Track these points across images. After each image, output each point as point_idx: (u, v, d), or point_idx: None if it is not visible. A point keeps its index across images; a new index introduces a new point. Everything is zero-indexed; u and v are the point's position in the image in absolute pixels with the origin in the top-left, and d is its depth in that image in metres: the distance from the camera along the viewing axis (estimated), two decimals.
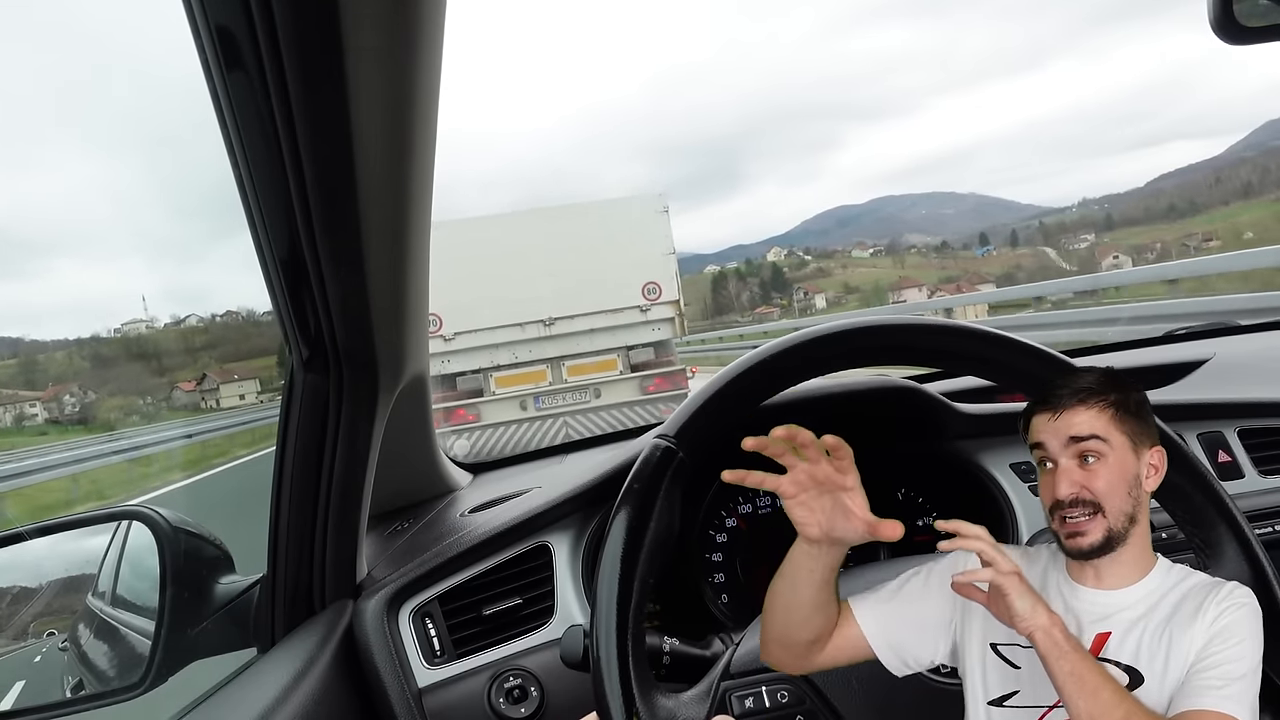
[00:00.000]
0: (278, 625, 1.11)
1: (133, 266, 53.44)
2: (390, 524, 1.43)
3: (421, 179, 0.83)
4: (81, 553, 1.20)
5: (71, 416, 26.91)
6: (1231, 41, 0.96)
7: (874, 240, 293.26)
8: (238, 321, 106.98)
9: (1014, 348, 1.00)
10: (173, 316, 35.68)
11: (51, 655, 1.12)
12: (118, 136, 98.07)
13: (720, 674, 0.97)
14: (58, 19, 48.07)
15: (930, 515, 1.48)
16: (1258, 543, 0.93)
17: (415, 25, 0.65)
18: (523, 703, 1.12)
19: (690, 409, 0.98)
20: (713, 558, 1.42)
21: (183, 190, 40.29)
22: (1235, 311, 6.10)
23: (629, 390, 7.56)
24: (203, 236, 39.59)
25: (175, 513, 1.13)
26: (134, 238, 50.07)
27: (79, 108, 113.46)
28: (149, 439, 17.31)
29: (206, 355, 24.32)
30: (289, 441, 1.05)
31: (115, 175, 72.70)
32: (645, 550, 0.90)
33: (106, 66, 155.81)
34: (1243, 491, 1.38)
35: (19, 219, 61.01)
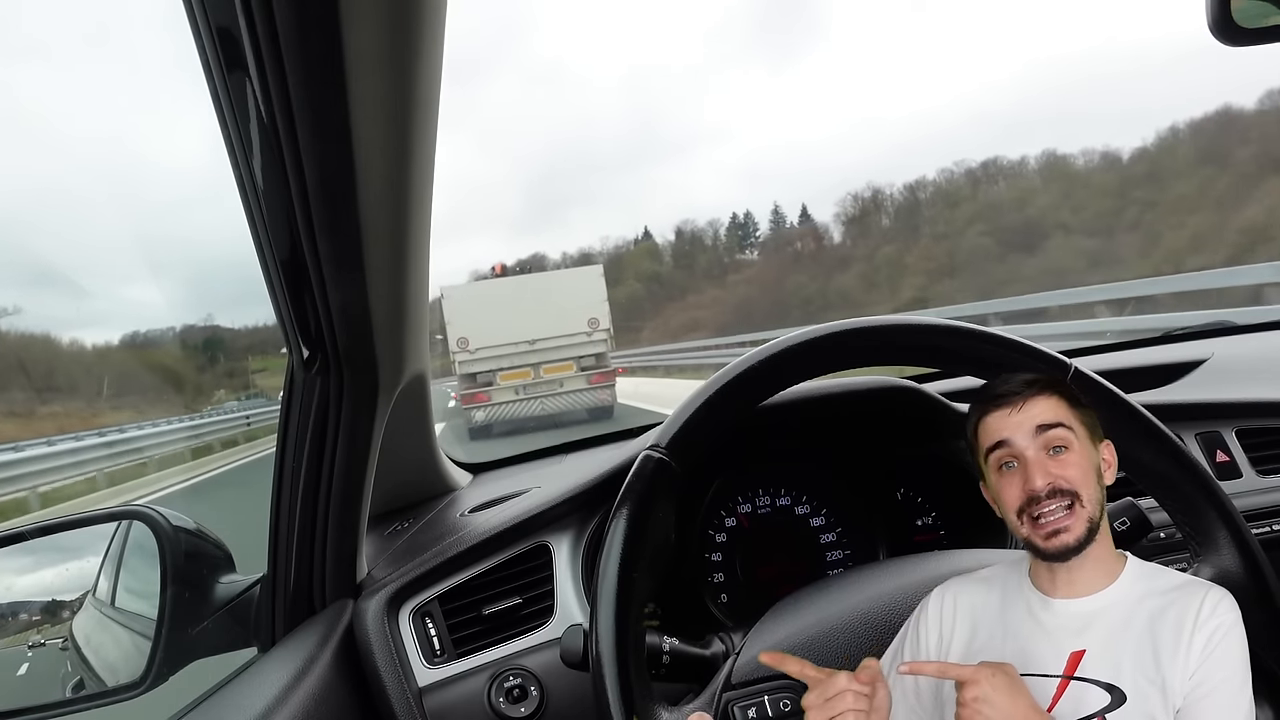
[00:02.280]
0: (278, 625, 1.11)
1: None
2: (390, 524, 1.43)
3: (422, 180, 0.83)
4: (81, 552, 1.20)
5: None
6: (1229, 43, 0.96)
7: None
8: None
9: (993, 341, 1.00)
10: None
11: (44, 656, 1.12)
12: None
13: (722, 685, 0.96)
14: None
15: (929, 515, 1.48)
16: (1248, 530, 0.92)
17: (416, 27, 0.65)
18: (522, 702, 1.12)
19: (680, 418, 0.98)
20: (712, 557, 1.42)
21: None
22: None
23: (580, 383, 12.82)
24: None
25: (175, 512, 1.13)
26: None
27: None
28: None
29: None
30: (289, 441, 1.06)
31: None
32: (641, 561, 0.90)
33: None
34: (1240, 491, 1.38)
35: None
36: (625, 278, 72.67)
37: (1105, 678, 0.81)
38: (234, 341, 32.85)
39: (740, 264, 69.13)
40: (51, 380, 21.63)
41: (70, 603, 1.18)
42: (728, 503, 1.45)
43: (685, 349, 23.69)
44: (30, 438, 13.52)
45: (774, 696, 0.95)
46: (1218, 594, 0.83)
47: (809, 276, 54.06)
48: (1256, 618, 0.85)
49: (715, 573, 1.42)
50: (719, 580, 1.42)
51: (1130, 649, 0.82)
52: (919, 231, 53.02)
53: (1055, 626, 0.85)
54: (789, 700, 0.94)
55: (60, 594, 1.17)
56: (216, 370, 34.20)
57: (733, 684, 0.96)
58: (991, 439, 0.85)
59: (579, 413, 12.82)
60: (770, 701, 0.94)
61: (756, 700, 0.94)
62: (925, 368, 1.41)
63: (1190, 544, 0.95)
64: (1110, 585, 0.85)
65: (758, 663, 0.95)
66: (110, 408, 21.18)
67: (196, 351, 31.50)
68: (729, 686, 0.95)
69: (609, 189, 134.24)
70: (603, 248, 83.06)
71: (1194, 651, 0.80)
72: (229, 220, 0.83)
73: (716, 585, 1.42)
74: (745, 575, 1.42)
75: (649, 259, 76.14)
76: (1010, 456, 0.84)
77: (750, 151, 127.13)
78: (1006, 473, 0.85)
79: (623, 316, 67.18)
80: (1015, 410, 0.84)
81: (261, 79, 0.64)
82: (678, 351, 23.52)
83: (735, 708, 0.94)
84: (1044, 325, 9.99)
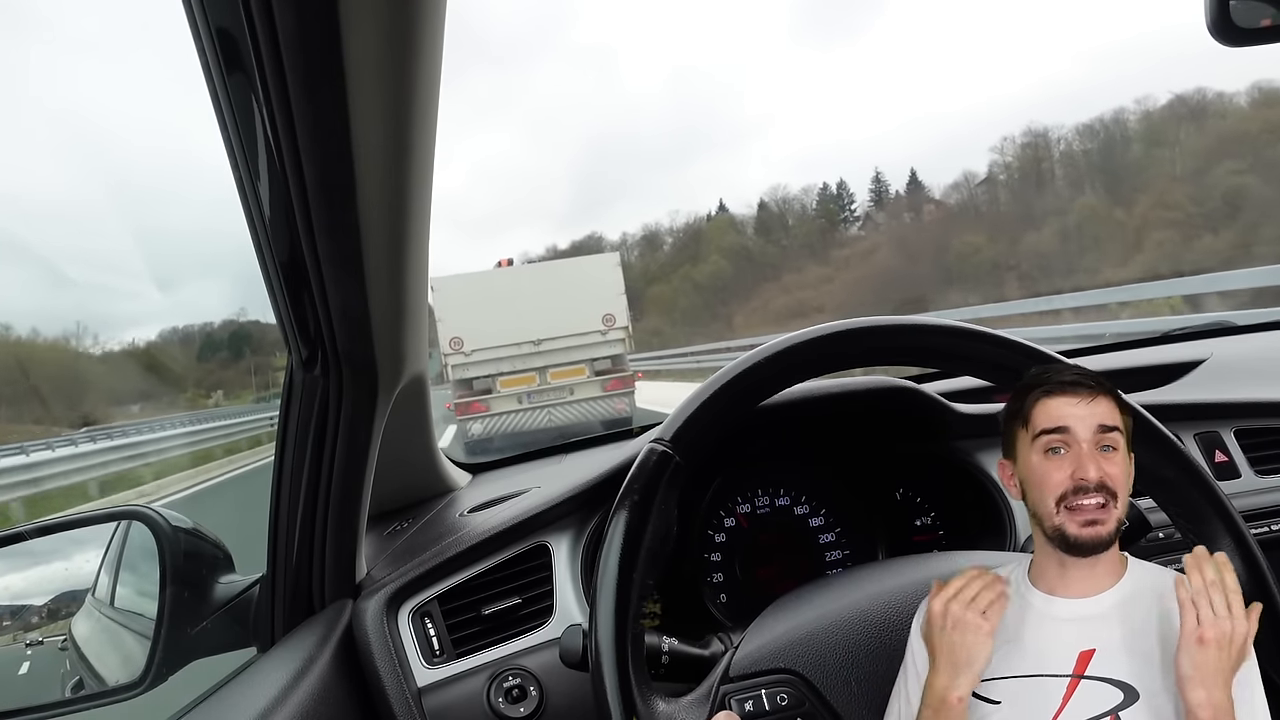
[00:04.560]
0: (277, 625, 1.12)
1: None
2: (390, 524, 1.43)
3: (421, 181, 0.83)
4: (81, 552, 1.20)
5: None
6: (1228, 43, 0.97)
7: None
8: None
9: (993, 341, 1.00)
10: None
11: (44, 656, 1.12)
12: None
13: (720, 677, 0.96)
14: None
15: (928, 515, 1.48)
16: (1247, 532, 0.93)
17: (415, 28, 0.65)
18: (522, 702, 1.12)
19: (685, 413, 0.98)
20: (712, 557, 1.43)
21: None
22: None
23: (594, 389, 10.99)
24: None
25: (175, 512, 1.13)
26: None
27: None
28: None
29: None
30: (289, 441, 1.06)
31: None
32: (642, 555, 0.90)
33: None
34: (1239, 491, 1.38)
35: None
36: (707, 253, 65.81)
37: (1116, 675, 0.81)
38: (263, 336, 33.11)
39: (849, 239, 59.49)
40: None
41: (69, 602, 1.18)
42: (727, 502, 1.45)
43: (709, 350, 21.21)
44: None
45: (771, 690, 0.95)
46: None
47: (985, 238, 42.76)
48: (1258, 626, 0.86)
49: (714, 572, 1.42)
50: (718, 580, 1.42)
51: (1140, 647, 0.82)
52: (1120, 179, 42.71)
53: (1063, 626, 0.84)
54: (786, 694, 0.95)
55: (60, 594, 1.18)
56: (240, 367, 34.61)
57: (730, 677, 0.96)
58: (1052, 422, 0.85)
59: (593, 425, 10.83)
60: (768, 695, 0.95)
61: (754, 694, 0.95)
62: (924, 368, 1.41)
63: (1190, 544, 0.96)
64: (1115, 585, 0.86)
65: (756, 656, 0.95)
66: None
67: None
68: (726, 680, 0.96)
69: (668, 164, 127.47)
70: (672, 224, 76.89)
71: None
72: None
73: (716, 585, 1.42)
74: (744, 575, 1.42)
75: (733, 231, 68.01)
76: (1063, 443, 0.84)
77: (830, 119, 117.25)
78: (1054, 457, 0.84)
79: (704, 302, 61.28)
80: (1084, 401, 0.84)
81: (262, 80, 0.64)
82: (715, 352, 20.52)
83: (733, 700, 0.94)
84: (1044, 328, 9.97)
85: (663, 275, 69.64)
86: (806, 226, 64.67)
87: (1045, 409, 0.86)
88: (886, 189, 63.13)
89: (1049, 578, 0.87)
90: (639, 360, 17.03)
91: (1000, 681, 0.84)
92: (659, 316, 61.31)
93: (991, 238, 42.98)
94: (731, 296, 56.52)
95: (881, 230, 57.82)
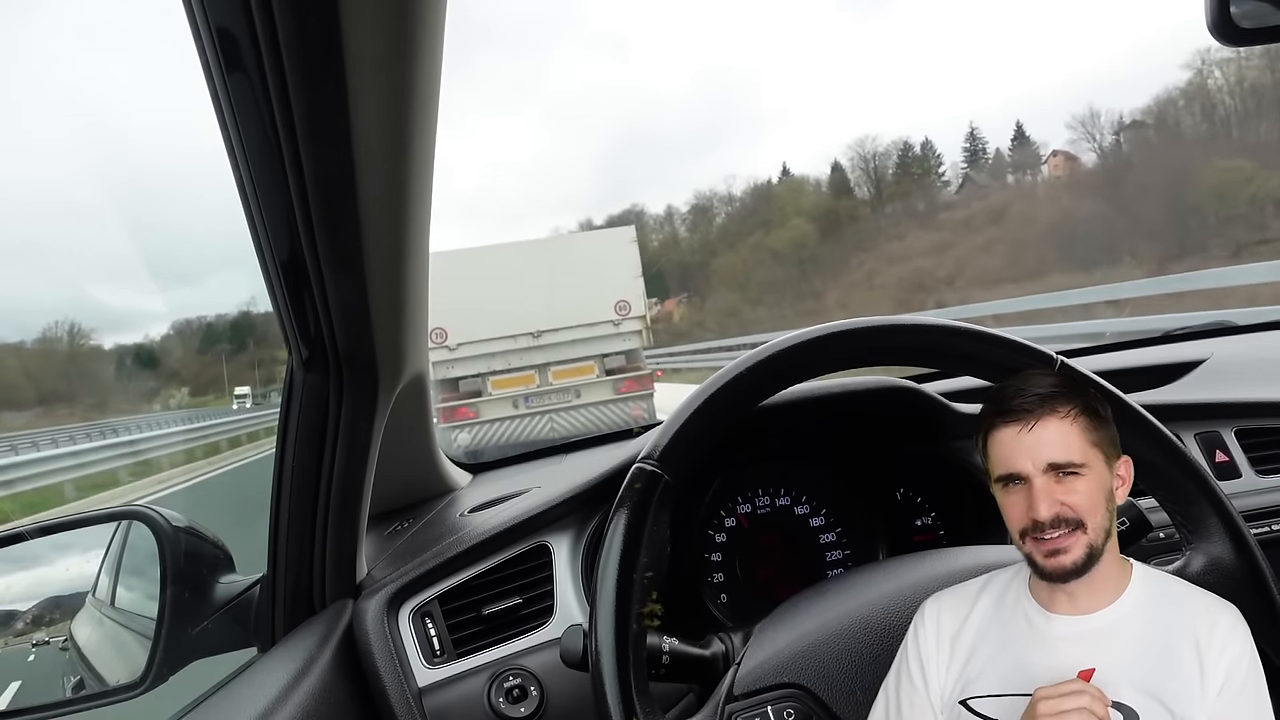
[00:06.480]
0: (278, 625, 1.12)
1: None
2: (390, 524, 1.43)
3: (421, 181, 0.83)
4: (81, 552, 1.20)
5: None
6: (1229, 43, 0.97)
7: None
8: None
9: (990, 341, 0.99)
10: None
11: (45, 656, 1.12)
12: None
13: (725, 696, 0.95)
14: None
15: (929, 515, 1.48)
16: (1239, 517, 0.92)
17: (415, 27, 0.65)
18: (522, 702, 1.12)
19: (670, 430, 0.96)
20: (712, 557, 1.43)
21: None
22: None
23: (605, 391, 9.11)
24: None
25: (175, 513, 1.13)
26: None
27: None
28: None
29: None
30: (289, 441, 1.06)
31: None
32: (637, 575, 0.89)
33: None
34: (1240, 491, 1.38)
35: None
36: (783, 216, 54.20)
37: (1116, 696, 0.78)
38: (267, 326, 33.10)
39: (954, 201, 48.43)
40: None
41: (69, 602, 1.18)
42: (727, 503, 1.45)
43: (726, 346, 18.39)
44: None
45: (777, 707, 0.93)
46: (1230, 618, 0.82)
47: (1253, 164, 29.15)
48: (1250, 604, 0.85)
49: (715, 573, 1.42)
50: (719, 580, 1.42)
51: (1141, 667, 0.79)
52: None
53: (1062, 644, 0.82)
54: (792, 710, 0.93)
55: (60, 594, 1.18)
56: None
57: (735, 695, 0.95)
58: (1004, 467, 0.82)
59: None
60: (774, 711, 0.93)
61: (760, 710, 0.93)
62: (920, 368, 1.41)
63: (1182, 531, 0.95)
64: (1117, 600, 0.83)
65: (759, 673, 0.94)
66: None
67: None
68: (731, 698, 0.94)
69: (718, 130, 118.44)
70: (729, 190, 65.03)
71: (1211, 684, 0.78)
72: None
73: (716, 585, 1.42)
74: (745, 575, 1.42)
75: (812, 193, 56.65)
76: (1017, 477, 0.82)
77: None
78: (1013, 489, 0.82)
79: (784, 275, 47.06)
80: (1025, 429, 0.81)
81: (261, 79, 0.64)
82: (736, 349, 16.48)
83: (739, 718, 0.93)
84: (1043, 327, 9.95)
85: (728, 245, 57.64)
86: (890, 189, 54.10)
87: (997, 445, 0.84)
88: (984, 146, 53.89)
89: (1044, 594, 0.85)
90: (657, 357, 14.53)
91: (997, 699, 0.82)
92: (733, 292, 50.56)
93: (1264, 163, 29.94)
94: (818, 269, 46.98)
95: (1009, 188, 47.33)
